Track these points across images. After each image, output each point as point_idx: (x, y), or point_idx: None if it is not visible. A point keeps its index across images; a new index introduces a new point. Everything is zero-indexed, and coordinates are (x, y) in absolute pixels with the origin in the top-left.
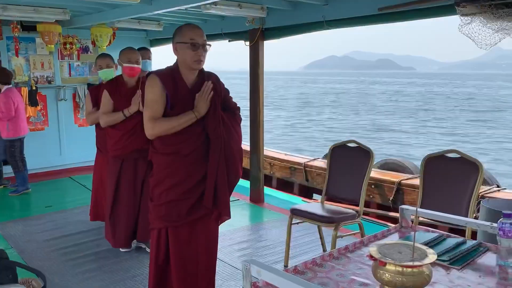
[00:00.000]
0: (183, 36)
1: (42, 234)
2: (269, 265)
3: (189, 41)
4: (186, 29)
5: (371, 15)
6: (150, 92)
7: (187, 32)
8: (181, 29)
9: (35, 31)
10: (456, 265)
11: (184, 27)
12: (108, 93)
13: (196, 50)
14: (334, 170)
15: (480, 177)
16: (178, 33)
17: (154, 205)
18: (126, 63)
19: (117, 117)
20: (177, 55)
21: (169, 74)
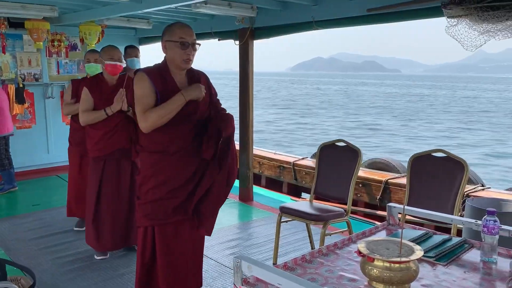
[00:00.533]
0: (173, 35)
1: (30, 233)
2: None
3: (178, 40)
4: (176, 28)
5: (360, 16)
6: (140, 88)
7: (177, 30)
8: (171, 27)
9: (22, 27)
10: (442, 261)
11: (174, 25)
12: (88, 91)
13: (185, 49)
14: (323, 169)
15: (466, 176)
16: (167, 31)
17: (141, 203)
18: (108, 61)
19: (98, 116)
20: (166, 53)
21: (157, 72)
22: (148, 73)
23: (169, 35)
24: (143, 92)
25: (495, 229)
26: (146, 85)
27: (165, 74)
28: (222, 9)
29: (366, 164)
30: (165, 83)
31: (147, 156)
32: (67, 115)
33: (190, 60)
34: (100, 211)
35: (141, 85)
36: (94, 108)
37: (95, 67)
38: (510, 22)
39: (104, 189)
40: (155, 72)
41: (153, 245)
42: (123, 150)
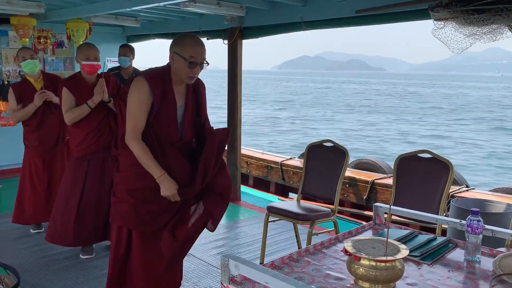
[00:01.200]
0: (184, 51)
1: (13, 232)
2: None
3: (188, 58)
4: (188, 44)
5: (349, 17)
6: (136, 97)
7: (188, 48)
8: (183, 41)
9: (7, 23)
10: (427, 260)
11: (187, 39)
12: (68, 90)
13: (192, 68)
14: (310, 169)
15: (451, 177)
16: (179, 43)
17: (117, 201)
18: (85, 61)
19: (82, 111)
20: (172, 63)
21: (159, 78)
22: (149, 79)
23: (179, 49)
24: (139, 102)
25: (479, 229)
26: (143, 96)
27: (166, 83)
28: (211, 8)
29: (353, 165)
30: (164, 92)
31: (130, 156)
32: (17, 122)
33: (195, 78)
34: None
35: (139, 95)
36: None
37: (33, 64)
38: (495, 26)
39: (87, 190)
40: (157, 78)
41: (128, 243)
42: (107, 148)
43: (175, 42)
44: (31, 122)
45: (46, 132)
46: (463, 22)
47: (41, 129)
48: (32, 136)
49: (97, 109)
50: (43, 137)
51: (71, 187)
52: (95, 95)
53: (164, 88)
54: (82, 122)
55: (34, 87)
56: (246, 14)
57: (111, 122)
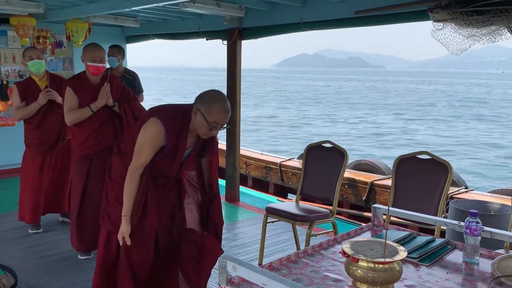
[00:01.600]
0: (209, 115)
1: (12, 232)
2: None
3: (211, 124)
4: (214, 109)
5: (348, 18)
6: (150, 138)
7: (215, 115)
8: (210, 106)
9: (7, 23)
10: (425, 262)
11: (215, 106)
12: (72, 90)
13: (213, 130)
14: (309, 169)
15: (449, 178)
16: (206, 106)
17: (107, 206)
18: (91, 62)
19: (84, 113)
20: (193, 117)
21: (177, 125)
22: (167, 125)
23: (205, 111)
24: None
25: (477, 231)
26: (158, 140)
27: (182, 131)
28: (210, 8)
29: (352, 166)
30: (177, 139)
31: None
32: (20, 119)
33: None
34: (84, 213)
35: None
36: (79, 107)
37: (40, 63)
38: (494, 27)
39: (89, 188)
40: (174, 126)
41: (118, 248)
42: (110, 148)
43: (202, 100)
44: (33, 120)
45: (47, 131)
46: (462, 24)
47: (42, 128)
48: (32, 134)
49: (101, 110)
50: (43, 136)
51: (74, 187)
52: (99, 99)
53: (178, 135)
54: (85, 122)
55: (39, 86)
56: (245, 14)
57: (115, 123)
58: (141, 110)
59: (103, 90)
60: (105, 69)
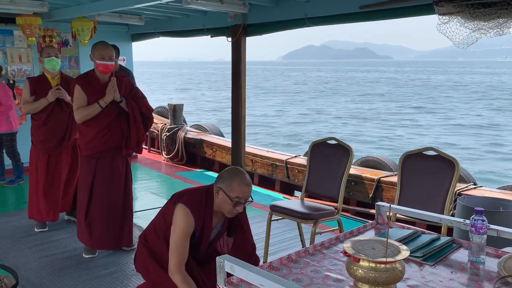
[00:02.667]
0: (231, 191)
1: (16, 231)
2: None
3: (234, 199)
4: (236, 185)
5: (353, 13)
6: (183, 229)
7: (236, 189)
8: (231, 182)
9: (13, 23)
10: (429, 261)
11: (236, 180)
12: (81, 88)
13: (236, 207)
14: (314, 167)
15: (456, 175)
16: (226, 182)
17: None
18: (99, 60)
19: (93, 110)
20: (216, 197)
21: (202, 209)
22: (193, 210)
23: (226, 188)
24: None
25: (483, 229)
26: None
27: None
28: (213, 5)
29: (359, 162)
30: (204, 223)
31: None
32: (26, 113)
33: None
34: (92, 209)
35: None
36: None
37: (56, 62)
38: (502, 20)
39: (96, 187)
40: (199, 210)
41: None
42: (117, 148)
43: (222, 179)
44: (40, 116)
45: (53, 128)
46: (468, 17)
47: (48, 125)
48: (38, 131)
49: (108, 108)
50: (49, 133)
51: (81, 185)
52: (106, 95)
53: (204, 219)
54: (92, 121)
55: (50, 83)
56: (249, 11)
57: (122, 122)
58: (149, 109)
59: (111, 85)
60: (113, 67)
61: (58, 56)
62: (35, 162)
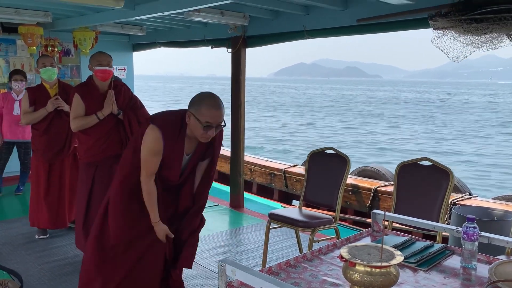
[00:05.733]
0: (201, 114)
1: (18, 237)
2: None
3: (204, 123)
4: (204, 108)
5: (350, 25)
6: (150, 147)
7: (205, 112)
8: (200, 104)
9: (15, 32)
10: (423, 267)
11: (204, 103)
12: (80, 97)
13: (207, 131)
14: (312, 176)
15: (451, 184)
16: (196, 105)
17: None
18: (97, 66)
19: (90, 120)
20: (188, 122)
21: (174, 131)
22: (163, 131)
23: (196, 112)
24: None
25: (475, 236)
26: (157, 147)
27: (179, 137)
28: (214, 17)
29: (356, 172)
30: (174, 145)
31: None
32: (26, 124)
33: (209, 139)
34: (90, 216)
35: (154, 145)
36: (86, 114)
37: (52, 71)
38: (494, 34)
39: (94, 194)
40: (170, 132)
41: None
42: (115, 156)
43: (193, 102)
44: (40, 126)
45: (53, 137)
46: (462, 31)
47: (49, 134)
48: (39, 140)
49: (106, 118)
50: (50, 142)
51: (79, 192)
52: (105, 107)
53: (176, 141)
54: (91, 129)
55: (49, 93)
56: (249, 23)
57: (120, 131)
58: (147, 119)
59: (108, 97)
60: (112, 73)
61: (54, 65)
62: (36, 170)
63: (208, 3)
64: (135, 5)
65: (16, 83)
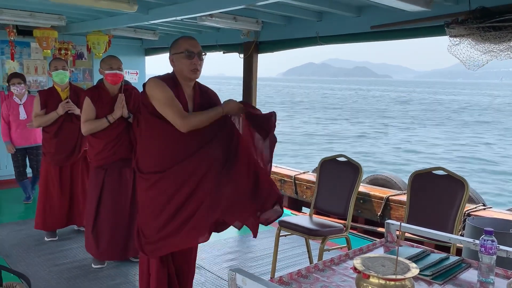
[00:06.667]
0: (179, 47)
1: (29, 239)
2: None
3: (184, 51)
4: (181, 41)
5: (364, 32)
6: (162, 91)
7: (182, 43)
8: (176, 41)
9: (30, 35)
10: (438, 280)
11: (180, 39)
12: (90, 100)
13: (191, 59)
14: (323, 183)
15: (466, 195)
16: (174, 45)
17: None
18: (108, 70)
19: (100, 124)
20: (174, 67)
21: (171, 81)
22: (163, 80)
23: (175, 48)
24: (168, 94)
25: (493, 249)
26: (167, 89)
27: (177, 85)
28: (227, 22)
29: (368, 180)
30: (178, 93)
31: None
32: (38, 127)
33: (197, 70)
34: (100, 219)
35: (163, 89)
36: (96, 118)
37: (64, 74)
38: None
39: (104, 198)
40: (168, 80)
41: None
42: (125, 159)
43: (171, 47)
44: (51, 129)
45: (63, 140)
46: (479, 39)
47: (59, 137)
48: (49, 143)
49: (117, 121)
50: (60, 145)
51: (89, 195)
52: (115, 111)
53: (176, 90)
54: (101, 133)
55: (60, 96)
56: (262, 28)
57: (131, 134)
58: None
59: (119, 101)
60: (122, 77)
61: (66, 68)
62: (46, 172)
63: (221, 8)
64: (149, 9)
65: (15, 87)
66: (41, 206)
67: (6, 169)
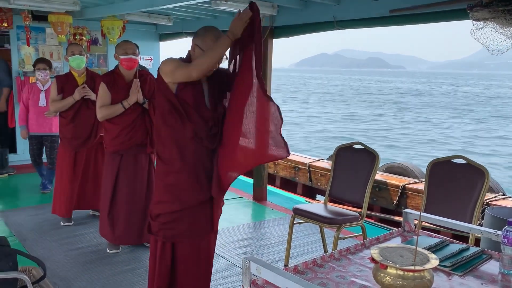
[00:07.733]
0: (204, 44)
1: (45, 224)
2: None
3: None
4: (208, 38)
5: (382, 16)
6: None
7: (209, 42)
8: (204, 35)
9: (45, 21)
10: (458, 271)
11: (208, 34)
12: (106, 86)
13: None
14: (339, 171)
15: (486, 184)
16: (200, 37)
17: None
18: (123, 55)
19: (115, 109)
20: (192, 54)
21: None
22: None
23: (200, 42)
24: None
25: None
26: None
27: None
28: (242, 6)
29: (384, 168)
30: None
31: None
32: (54, 112)
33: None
34: (115, 204)
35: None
36: (112, 103)
37: (80, 59)
38: None
39: (120, 183)
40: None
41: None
42: (141, 145)
43: (197, 34)
44: (67, 114)
45: (80, 125)
46: (504, 23)
47: (75, 122)
48: (66, 128)
49: (132, 107)
50: (77, 130)
51: (105, 180)
52: (130, 96)
53: None
54: (117, 119)
55: (77, 81)
56: (277, 13)
57: (146, 120)
58: None
59: (134, 86)
60: (137, 62)
61: (83, 53)
62: (62, 158)
63: None
64: None
65: (40, 72)
66: (57, 191)
67: (23, 154)
